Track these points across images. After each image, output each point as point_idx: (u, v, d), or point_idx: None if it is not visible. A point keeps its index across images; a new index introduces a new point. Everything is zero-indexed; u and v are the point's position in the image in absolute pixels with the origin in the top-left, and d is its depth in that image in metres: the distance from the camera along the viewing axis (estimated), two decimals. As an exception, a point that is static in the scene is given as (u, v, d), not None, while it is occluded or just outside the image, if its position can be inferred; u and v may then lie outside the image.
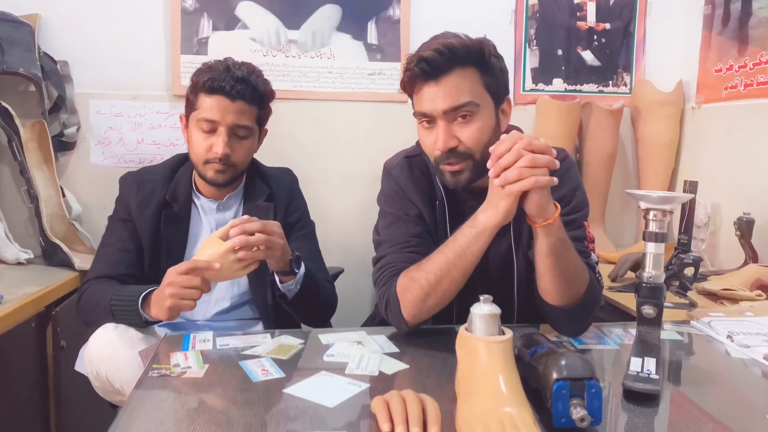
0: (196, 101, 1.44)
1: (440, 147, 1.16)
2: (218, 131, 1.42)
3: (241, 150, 1.46)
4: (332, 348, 1.12)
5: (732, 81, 1.99)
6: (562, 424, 0.79)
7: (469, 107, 1.15)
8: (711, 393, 1.00)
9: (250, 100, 1.44)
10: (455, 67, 1.15)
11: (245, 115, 1.44)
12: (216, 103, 1.41)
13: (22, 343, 1.55)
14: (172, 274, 1.18)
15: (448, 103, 1.15)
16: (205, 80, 1.41)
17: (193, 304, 1.19)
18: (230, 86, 1.40)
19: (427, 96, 1.17)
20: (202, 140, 1.43)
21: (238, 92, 1.41)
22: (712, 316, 1.31)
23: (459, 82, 1.15)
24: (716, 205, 2.02)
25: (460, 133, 1.17)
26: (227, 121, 1.42)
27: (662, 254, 0.99)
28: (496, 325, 0.87)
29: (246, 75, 1.44)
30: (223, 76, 1.41)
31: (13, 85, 1.97)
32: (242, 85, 1.42)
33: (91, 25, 2.05)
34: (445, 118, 1.16)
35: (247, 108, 1.44)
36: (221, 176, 1.45)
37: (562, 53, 2.29)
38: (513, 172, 1.00)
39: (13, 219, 2.00)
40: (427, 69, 1.15)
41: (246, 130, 1.45)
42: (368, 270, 1.31)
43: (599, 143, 2.24)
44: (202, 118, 1.42)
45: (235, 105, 1.42)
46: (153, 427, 0.83)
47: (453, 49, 1.14)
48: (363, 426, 0.84)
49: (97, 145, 2.09)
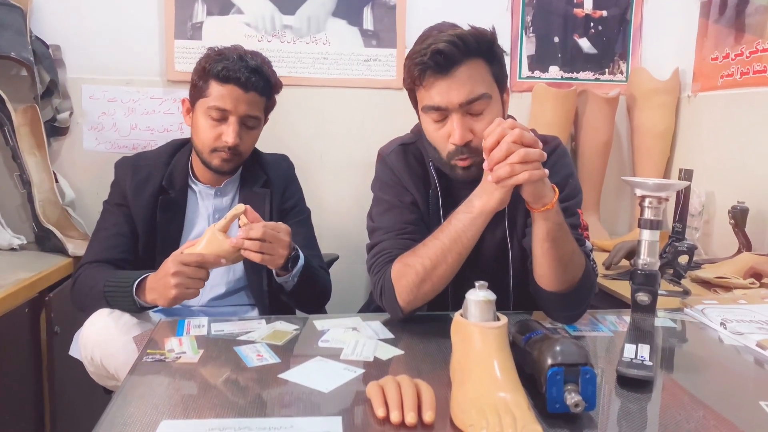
0: (207, 88, 1.42)
1: (458, 141, 1.14)
2: (229, 121, 1.41)
3: (249, 140, 1.47)
4: (327, 334, 1.12)
5: (728, 69, 1.99)
6: (556, 409, 0.80)
7: (484, 99, 1.14)
8: (704, 379, 1.00)
9: (262, 91, 1.44)
10: (466, 59, 1.13)
11: (256, 106, 1.44)
12: (228, 92, 1.40)
13: (16, 328, 1.54)
14: (177, 263, 1.18)
15: (464, 96, 1.13)
16: (220, 69, 1.39)
17: (197, 293, 1.21)
18: (245, 77, 1.39)
19: (440, 89, 1.14)
20: (210, 128, 1.42)
21: (252, 83, 1.40)
22: (705, 303, 1.32)
23: (471, 73, 1.13)
24: (710, 194, 2.02)
25: (475, 126, 1.15)
26: (239, 111, 1.41)
27: (657, 242, 0.99)
28: (491, 311, 0.87)
29: (259, 65, 1.43)
30: (238, 66, 1.39)
31: (5, 70, 1.95)
32: (256, 76, 1.41)
33: (84, 9, 2.03)
34: (460, 111, 1.14)
35: (259, 99, 1.44)
36: (227, 165, 1.45)
37: (559, 41, 2.28)
38: (504, 169, 0.99)
39: (5, 204, 1.99)
40: (442, 62, 1.12)
41: (255, 120, 1.45)
42: (363, 257, 1.31)
43: (595, 131, 2.24)
44: (213, 107, 1.40)
45: (248, 96, 1.41)
46: (147, 412, 0.83)
47: (466, 41, 1.12)
48: (358, 411, 0.84)
49: (90, 131, 2.07)
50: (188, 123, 1.50)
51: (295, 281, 1.36)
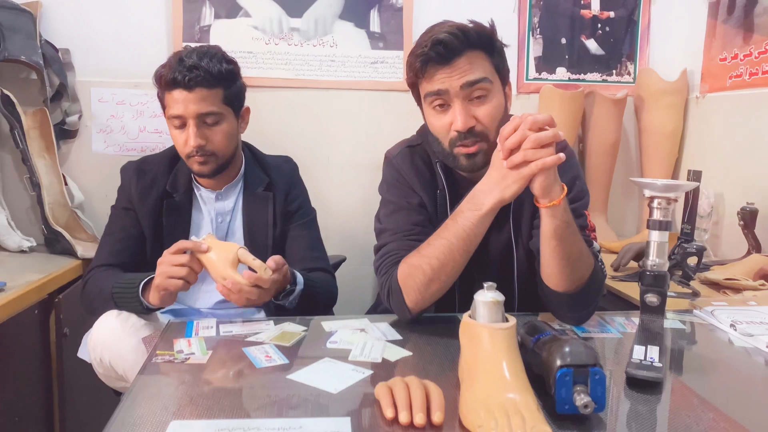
0: (164, 99, 1.43)
1: (460, 126, 1.15)
2: (187, 124, 1.40)
3: (216, 137, 1.42)
4: (335, 335, 1.12)
5: (737, 70, 1.98)
6: (565, 410, 0.79)
7: (485, 83, 1.16)
8: (714, 381, 1.00)
9: (208, 84, 1.38)
10: (466, 50, 1.15)
11: (207, 101, 1.39)
12: (177, 96, 1.38)
13: (25, 330, 1.55)
14: (163, 255, 1.21)
15: (465, 78, 1.14)
16: (163, 77, 1.39)
17: (180, 283, 1.19)
18: (182, 76, 1.36)
19: (441, 76, 1.16)
20: (177, 136, 1.42)
21: (192, 80, 1.36)
22: (715, 305, 1.31)
23: (472, 61, 1.16)
24: (719, 195, 2.01)
25: (477, 112, 1.16)
26: (191, 111, 1.38)
27: (666, 242, 0.99)
28: (500, 312, 0.86)
29: (196, 61, 1.37)
30: (176, 68, 1.37)
31: (15, 73, 1.97)
32: (195, 72, 1.36)
33: (93, 13, 2.04)
34: (461, 96, 1.15)
35: (208, 93, 1.39)
36: (205, 167, 1.43)
37: (566, 42, 2.28)
38: (519, 155, 1.00)
39: (15, 207, 2.00)
40: (443, 52, 1.14)
41: (214, 116, 1.41)
42: (370, 259, 1.31)
43: (602, 133, 2.23)
44: (171, 116, 1.40)
45: (195, 93, 1.37)
46: (156, 413, 0.83)
47: (467, 32, 1.15)
48: (367, 412, 0.84)
49: (99, 133, 2.08)
50: None
51: (295, 303, 1.36)
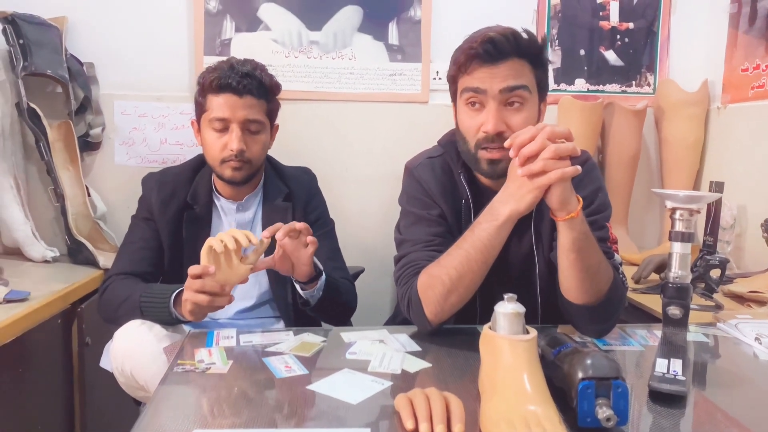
0: (206, 102, 1.45)
1: (490, 128, 1.15)
2: (231, 128, 1.43)
3: (255, 145, 1.47)
4: (354, 346, 1.13)
5: (759, 80, 1.96)
6: (587, 423, 0.79)
7: (524, 92, 1.16)
8: (739, 396, 0.98)
9: (257, 94, 1.45)
10: (514, 55, 1.15)
11: (255, 109, 1.45)
12: (225, 100, 1.42)
13: (48, 339, 1.57)
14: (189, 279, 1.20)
15: (506, 83, 1.15)
16: (212, 80, 1.42)
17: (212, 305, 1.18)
18: (236, 82, 1.41)
19: (483, 74, 1.16)
20: (215, 140, 1.45)
21: (245, 87, 1.42)
22: (739, 318, 1.29)
23: (516, 68, 1.16)
24: (742, 207, 1.98)
25: (510, 118, 1.16)
26: (238, 116, 1.43)
27: (689, 254, 0.98)
28: (521, 323, 0.86)
29: (251, 70, 1.45)
30: (229, 74, 1.42)
31: (41, 87, 2.01)
32: (248, 80, 1.43)
33: (117, 28, 2.08)
34: (498, 99, 1.15)
35: (256, 102, 1.45)
36: (239, 174, 1.46)
37: (585, 53, 2.28)
38: (538, 164, 0.99)
39: (39, 218, 2.03)
40: (492, 50, 1.14)
41: (258, 124, 1.46)
42: (389, 270, 1.31)
43: (622, 144, 2.22)
44: (214, 118, 1.43)
45: (244, 100, 1.43)
46: (178, 422, 0.84)
47: (518, 38, 1.16)
48: (386, 423, 0.84)
49: (122, 146, 2.12)
50: (199, 143, 1.52)
51: (320, 294, 1.36)
